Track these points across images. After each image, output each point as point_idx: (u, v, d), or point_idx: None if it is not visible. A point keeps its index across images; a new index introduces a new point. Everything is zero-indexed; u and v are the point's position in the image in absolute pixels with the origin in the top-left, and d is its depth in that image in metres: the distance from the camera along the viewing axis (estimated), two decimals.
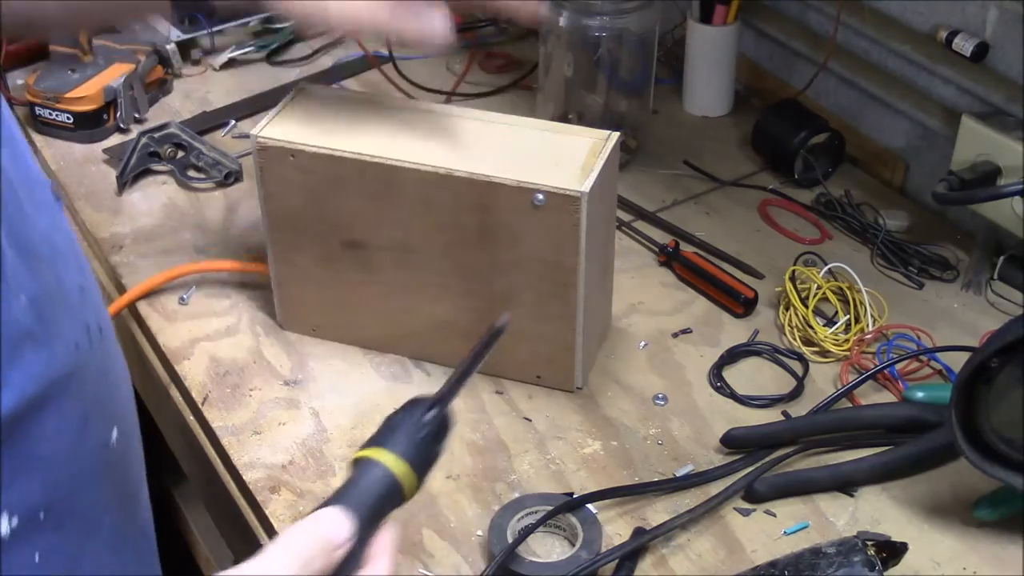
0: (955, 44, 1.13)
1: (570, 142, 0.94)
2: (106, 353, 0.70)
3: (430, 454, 0.71)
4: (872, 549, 0.79)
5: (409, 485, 0.70)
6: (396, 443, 0.70)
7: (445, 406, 0.72)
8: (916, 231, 1.18)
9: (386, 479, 0.69)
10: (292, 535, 0.63)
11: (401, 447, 0.70)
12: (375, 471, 0.69)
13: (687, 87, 1.39)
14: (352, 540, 0.65)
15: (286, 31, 1.51)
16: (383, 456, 0.69)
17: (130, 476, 0.74)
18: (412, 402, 0.72)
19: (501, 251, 0.93)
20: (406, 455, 0.69)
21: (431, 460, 0.72)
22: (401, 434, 0.70)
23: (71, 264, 0.68)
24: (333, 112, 0.98)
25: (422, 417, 0.71)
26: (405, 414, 0.71)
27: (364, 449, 0.70)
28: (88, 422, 0.66)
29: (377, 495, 0.68)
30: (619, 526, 0.87)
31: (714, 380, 1.01)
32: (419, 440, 0.71)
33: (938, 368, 1.01)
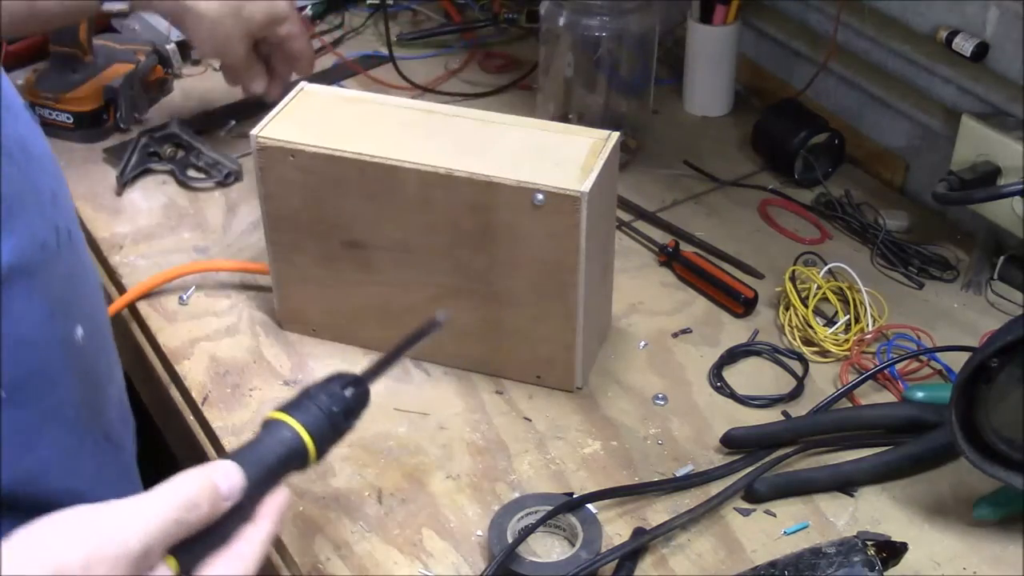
0: (955, 44, 1.13)
1: (570, 142, 0.94)
2: (74, 256, 0.72)
3: (340, 427, 0.74)
4: (872, 549, 0.79)
5: (312, 453, 0.72)
6: (309, 411, 0.73)
7: (365, 385, 0.76)
8: (916, 231, 1.18)
9: (291, 443, 0.72)
10: (182, 479, 0.64)
11: (313, 416, 0.73)
12: (281, 434, 0.72)
13: (687, 87, 1.39)
14: (240, 495, 0.66)
15: None
16: (293, 421, 0.72)
17: (96, 374, 0.76)
18: (336, 375, 0.75)
19: (501, 251, 0.93)
20: (315, 424, 0.72)
21: (340, 433, 0.75)
22: (316, 404, 0.73)
23: (47, 171, 0.70)
24: (333, 112, 0.99)
25: (341, 391, 0.74)
26: (325, 384, 0.74)
27: (278, 412, 0.73)
28: (53, 317, 0.68)
29: (278, 457, 0.71)
30: (619, 526, 0.87)
31: (714, 380, 1.01)
32: (332, 412, 0.74)
33: (938, 368, 1.01)
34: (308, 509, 0.89)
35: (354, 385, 0.75)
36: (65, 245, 0.70)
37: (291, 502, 0.72)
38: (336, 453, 0.93)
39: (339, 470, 0.92)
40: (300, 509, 0.89)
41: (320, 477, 0.91)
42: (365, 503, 0.89)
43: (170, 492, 0.63)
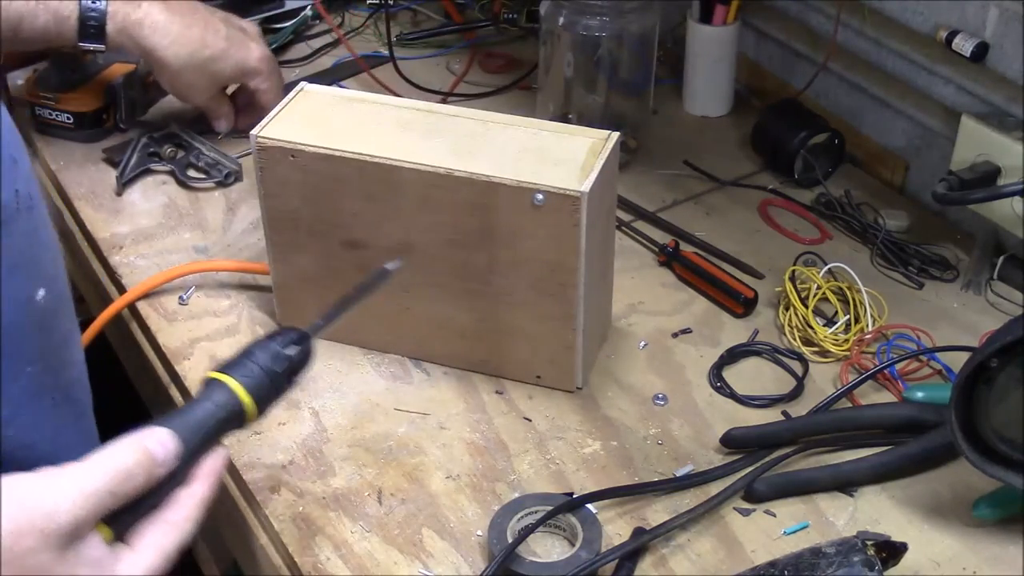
0: (955, 44, 1.13)
1: (570, 142, 0.94)
2: (33, 220, 0.73)
3: (280, 386, 0.75)
4: (872, 549, 0.79)
5: (251, 412, 0.73)
6: (249, 371, 0.74)
7: (308, 342, 0.77)
8: (916, 231, 1.18)
9: (229, 405, 0.73)
10: (116, 448, 0.65)
11: (252, 375, 0.74)
12: (220, 395, 0.73)
13: (687, 87, 1.39)
14: (176, 461, 0.68)
15: (286, 31, 1.51)
16: (232, 382, 0.73)
17: (57, 335, 0.77)
18: (279, 331, 0.76)
19: (501, 251, 0.93)
20: (255, 384, 0.73)
21: (280, 392, 0.76)
22: (256, 363, 0.74)
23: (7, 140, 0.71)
24: (333, 112, 0.99)
25: (282, 350, 0.75)
26: (267, 342, 0.75)
27: (217, 371, 0.74)
28: (13, 274, 0.70)
29: (216, 419, 0.72)
30: (619, 526, 0.87)
31: (714, 380, 1.01)
32: (273, 372, 0.75)
33: (938, 368, 1.01)
34: (308, 509, 0.89)
35: (297, 343, 0.76)
36: (25, 209, 0.71)
37: (227, 462, 0.73)
38: (336, 453, 0.93)
39: (339, 470, 0.92)
40: (300, 509, 0.89)
41: (320, 477, 0.91)
42: (365, 503, 0.89)
43: (104, 463, 0.64)
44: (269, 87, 1.27)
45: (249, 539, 0.92)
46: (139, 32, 1.19)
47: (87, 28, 1.18)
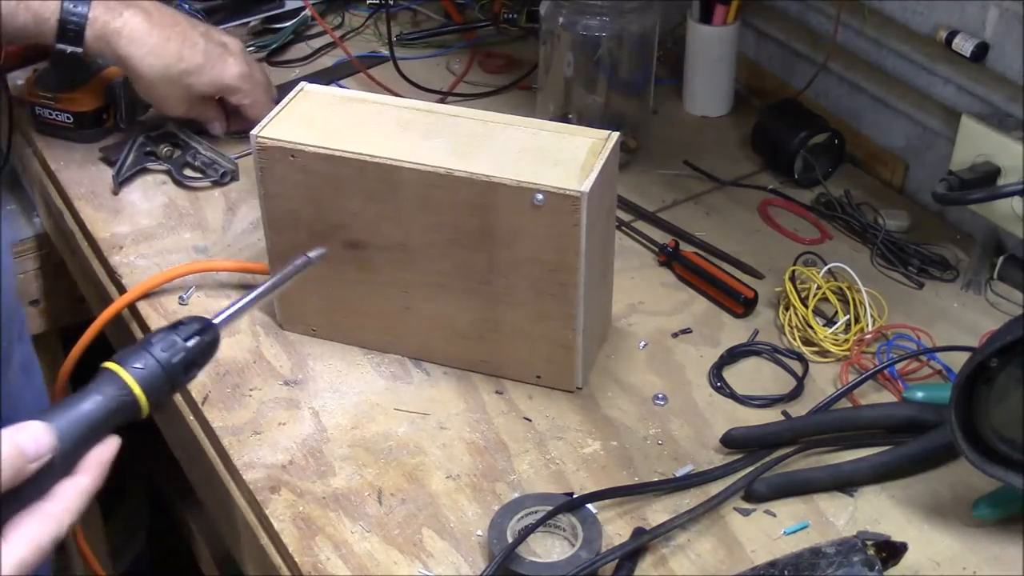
0: (955, 44, 1.13)
1: (570, 142, 0.94)
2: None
3: (177, 379, 0.74)
4: (872, 549, 0.79)
5: (144, 408, 0.72)
6: (144, 362, 0.72)
7: (213, 333, 0.75)
8: (916, 231, 1.18)
9: (121, 397, 0.71)
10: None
11: (147, 367, 0.72)
12: (111, 386, 0.71)
13: (687, 87, 1.39)
14: (51, 454, 0.67)
15: (286, 31, 1.51)
16: (124, 374, 0.71)
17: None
18: (183, 321, 0.75)
19: (501, 251, 0.93)
20: (149, 376, 0.72)
21: (176, 385, 0.74)
22: (152, 354, 0.72)
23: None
24: (333, 112, 0.99)
25: (182, 341, 0.74)
26: (168, 332, 0.74)
27: (113, 362, 0.72)
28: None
29: (106, 410, 0.71)
30: (619, 526, 0.87)
31: (714, 380, 1.01)
32: (169, 364, 0.73)
33: (938, 368, 1.01)
34: (308, 509, 0.89)
35: (200, 334, 0.74)
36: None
37: (116, 452, 0.72)
38: (336, 453, 0.93)
39: (339, 470, 0.92)
40: (300, 509, 0.89)
41: (320, 477, 0.91)
42: (365, 503, 0.89)
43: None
44: (251, 103, 1.27)
45: (249, 539, 0.92)
46: (117, 41, 1.20)
47: (66, 31, 1.18)
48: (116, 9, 1.20)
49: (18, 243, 1.41)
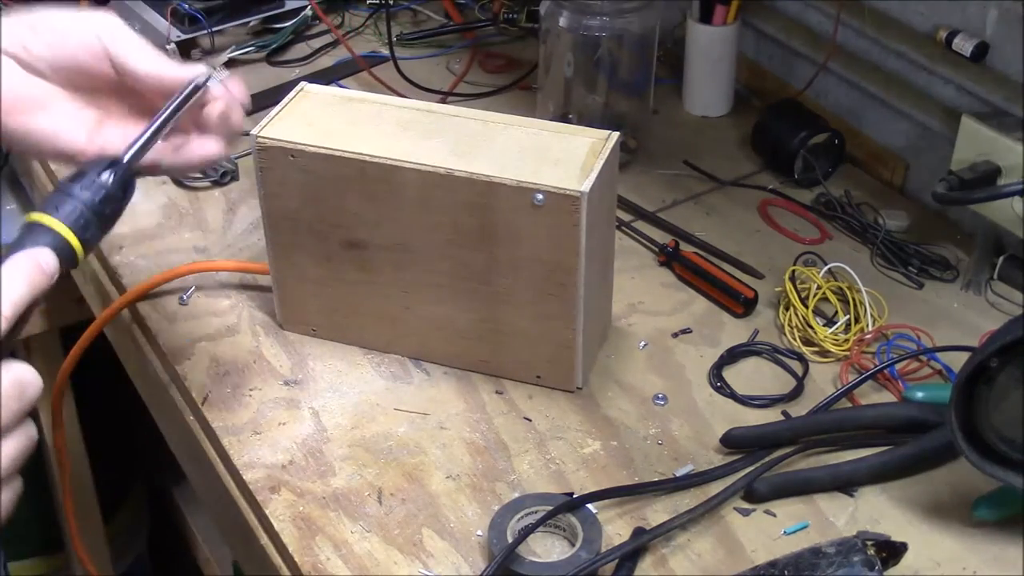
0: (955, 44, 1.13)
1: (570, 142, 0.94)
2: None
3: (106, 218, 0.72)
4: (872, 549, 0.79)
5: (79, 249, 0.70)
6: (70, 208, 0.70)
7: (126, 167, 0.72)
8: (916, 231, 1.18)
9: (55, 246, 0.69)
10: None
11: (76, 209, 0.70)
12: (44, 238, 0.69)
13: (687, 87, 1.39)
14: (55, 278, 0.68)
15: (286, 31, 1.51)
16: (54, 222, 0.70)
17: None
18: (92, 162, 0.72)
19: (501, 251, 0.93)
20: (79, 218, 0.70)
21: (107, 224, 0.72)
22: (76, 199, 0.71)
23: None
24: (333, 112, 0.99)
25: (99, 178, 0.72)
26: (82, 175, 0.72)
27: (36, 213, 0.70)
28: None
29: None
30: (619, 526, 0.87)
31: (714, 380, 1.01)
32: (95, 204, 0.71)
33: (938, 368, 1.01)
34: (308, 509, 0.89)
35: (111, 169, 0.72)
36: None
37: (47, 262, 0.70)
38: (336, 453, 0.93)
39: (339, 470, 0.92)
40: (300, 509, 0.89)
41: (320, 477, 0.91)
42: (365, 503, 0.89)
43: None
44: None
45: (249, 539, 0.92)
46: None
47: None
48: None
49: None
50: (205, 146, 0.84)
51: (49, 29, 0.82)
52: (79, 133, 0.82)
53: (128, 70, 0.81)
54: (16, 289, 0.67)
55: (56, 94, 0.82)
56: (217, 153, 0.85)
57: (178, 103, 0.79)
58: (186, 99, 0.79)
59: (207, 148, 0.85)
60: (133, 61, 0.81)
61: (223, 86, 0.84)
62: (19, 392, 0.66)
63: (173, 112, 0.79)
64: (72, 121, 0.83)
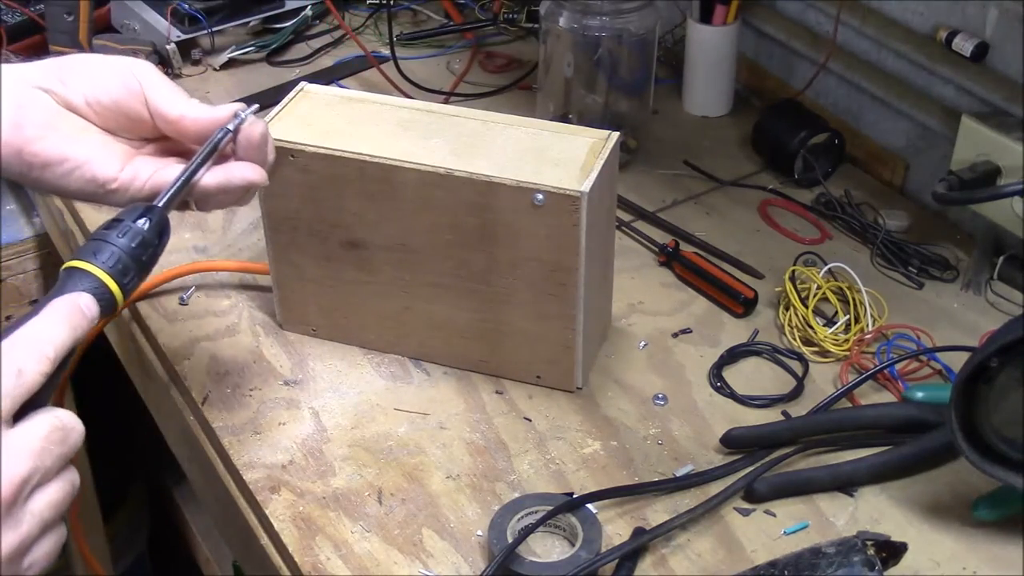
0: (955, 44, 1.13)
1: (570, 142, 0.94)
2: None
3: (144, 264, 0.73)
4: (872, 549, 0.79)
5: (119, 295, 0.71)
6: (108, 252, 0.71)
7: (161, 212, 0.75)
8: (916, 231, 1.18)
9: (97, 292, 0.70)
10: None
11: (114, 256, 0.71)
12: (84, 284, 0.70)
13: (687, 87, 1.39)
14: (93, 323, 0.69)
15: (286, 31, 1.51)
16: (93, 268, 0.70)
17: None
18: (125, 211, 0.74)
19: (501, 251, 0.93)
20: (118, 264, 0.71)
21: (145, 269, 0.73)
22: (112, 242, 0.72)
23: None
24: (333, 112, 0.99)
25: (134, 224, 0.73)
26: (115, 223, 0.73)
27: (75, 260, 0.71)
28: None
29: None
30: (619, 526, 0.87)
31: (714, 380, 1.01)
32: (133, 248, 0.72)
33: (938, 368, 1.01)
34: (308, 509, 0.89)
35: (146, 216, 0.74)
36: None
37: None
38: (336, 453, 0.93)
39: (339, 470, 0.92)
40: (300, 509, 0.89)
41: (320, 477, 0.91)
42: (365, 503, 0.89)
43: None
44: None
45: (249, 539, 0.92)
46: None
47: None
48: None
49: (18, 243, 1.41)
50: (246, 171, 0.84)
51: (87, 68, 0.84)
52: (113, 161, 0.83)
53: (160, 112, 0.83)
54: (59, 332, 0.68)
55: (90, 127, 0.84)
56: (259, 179, 0.85)
57: (210, 149, 0.81)
58: (217, 145, 0.81)
59: (247, 172, 0.84)
60: (166, 104, 0.83)
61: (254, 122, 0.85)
62: (62, 437, 0.66)
63: (206, 158, 0.81)
64: (105, 150, 0.83)
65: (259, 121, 0.85)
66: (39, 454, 0.65)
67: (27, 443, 0.64)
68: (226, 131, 0.82)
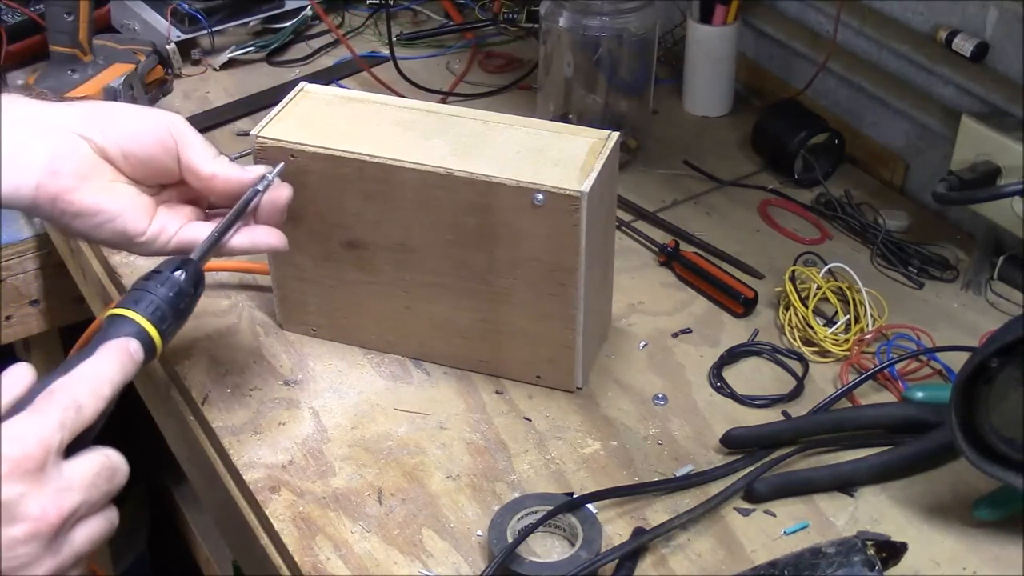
0: (955, 44, 1.13)
1: (570, 142, 0.94)
2: None
3: (182, 312, 0.78)
4: (872, 549, 0.79)
5: (159, 342, 0.77)
6: (148, 300, 0.76)
7: (197, 264, 0.80)
8: (916, 231, 1.18)
9: (139, 337, 0.75)
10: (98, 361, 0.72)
11: (154, 304, 0.77)
12: (126, 330, 0.75)
13: (687, 87, 1.39)
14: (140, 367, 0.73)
15: (286, 31, 1.51)
16: (135, 316, 0.76)
17: None
18: (165, 262, 0.79)
19: (501, 251, 0.93)
20: (157, 312, 0.76)
21: (182, 317, 0.79)
22: (152, 292, 0.77)
23: None
24: (333, 112, 0.98)
25: (171, 275, 0.78)
26: (154, 274, 0.78)
27: (118, 308, 0.76)
28: None
29: None
30: (619, 526, 0.87)
31: (714, 380, 1.01)
32: (171, 297, 0.77)
33: (938, 368, 1.01)
34: (308, 509, 0.89)
35: (183, 268, 0.79)
36: None
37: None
38: (336, 453, 0.93)
39: (339, 470, 0.92)
40: (300, 509, 0.89)
41: (320, 477, 0.91)
42: (365, 503, 0.89)
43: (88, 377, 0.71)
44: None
45: (249, 539, 0.92)
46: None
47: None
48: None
49: (18, 243, 1.41)
50: (270, 238, 0.89)
51: (125, 119, 0.87)
52: (142, 215, 0.86)
53: (194, 169, 0.87)
54: (114, 372, 0.72)
55: (119, 177, 0.86)
56: (280, 245, 0.90)
57: (240, 206, 0.86)
58: (247, 202, 0.87)
59: (271, 240, 0.89)
60: (200, 163, 0.87)
61: (280, 186, 0.90)
62: (110, 476, 0.70)
63: (237, 214, 0.86)
64: (135, 202, 0.86)
65: (284, 185, 0.90)
66: (88, 489, 0.68)
67: (79, 477, 0.68)
68: (255, 192, 0.87)
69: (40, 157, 0.82)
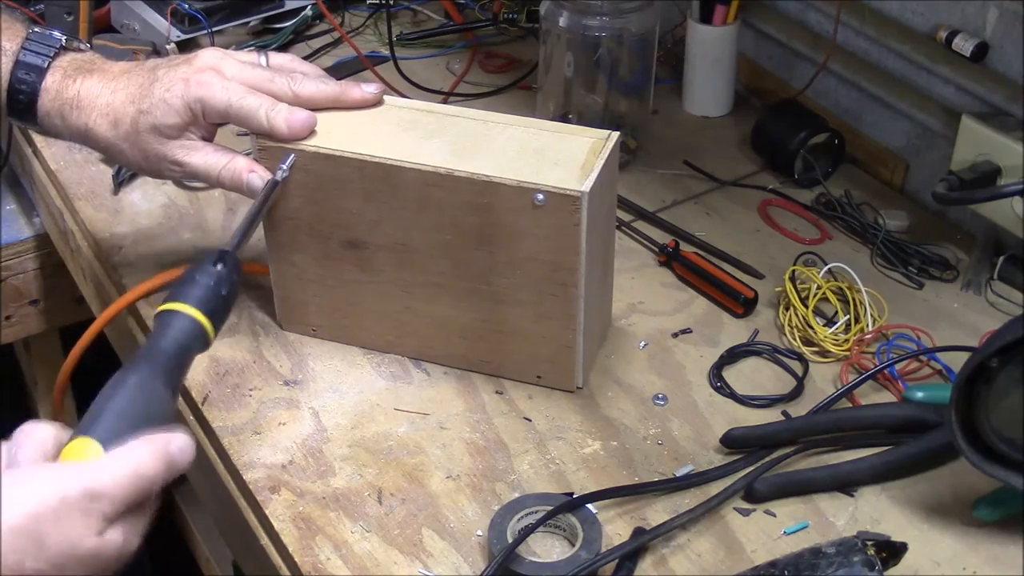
0: (955, 44, 1.13)
1: (570, 142, 0.94)
2: None
3: (227, 300, 0.83)
4: (872, 549, 0.79)
5: (211, 333, 0.81)
6: (193, 295, 0.81)
7: (233, 254, 0.85)
8: (916, 231, 1.18)
9: (192, 330, 0.80)
10: (138, 451, 0.72)
11: (205, 296, 0.81)
12: (182, 322, 0.80)
13: (687, 87, 1.39)
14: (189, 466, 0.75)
15: (286, 31, 1.51)
16: (189, 309, 0.80)
17: None
18: (203, 256, 0.84)
19: (501, 251, 0.93)
20: (206, 304, 0.81)
21: (228, 305, 0.84)
22: (197, 287, 0.81)
23: None
24: (333, 112, 0.98)
25: (213, 267, 0.82)
26: (200, 268, 0.82)
27: (169, 303, 0.80)
28: None
29: (186, 345, 0.80)
30: (619, 526, 0.87)
31: (714, 380, 1.01)
32: (217, 291, 0.82)
33: (938, 368, 1.01)
34: (308, 509, 0.89)
35: (222, 260, 0.83)
36: None
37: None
38: (336, 453, 0.93)
39: (339, 470, 0.92)
40: (300, 509, 0.89)
41: (320, 477, 0.91)
42: (365, 503, 0.89)
43: (123, 466, 0.71)
44: (266, 116, 0.95)
45: (249, 539, 0.92)
46: (70, 112, 0.98)
47: (16, 102, 0.98)
48: (73, 76, 0.98)
49: (18, 243, 1.41)
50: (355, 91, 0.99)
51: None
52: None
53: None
54: (158, 470, 0.73)
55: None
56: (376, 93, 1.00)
57: (263, 198, 0.93)
58: (267, 195, 0.94)
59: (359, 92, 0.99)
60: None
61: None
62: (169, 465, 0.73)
63: (261, 205, 0.93)
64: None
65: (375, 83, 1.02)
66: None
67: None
68: (275, 183, 0.94)
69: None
